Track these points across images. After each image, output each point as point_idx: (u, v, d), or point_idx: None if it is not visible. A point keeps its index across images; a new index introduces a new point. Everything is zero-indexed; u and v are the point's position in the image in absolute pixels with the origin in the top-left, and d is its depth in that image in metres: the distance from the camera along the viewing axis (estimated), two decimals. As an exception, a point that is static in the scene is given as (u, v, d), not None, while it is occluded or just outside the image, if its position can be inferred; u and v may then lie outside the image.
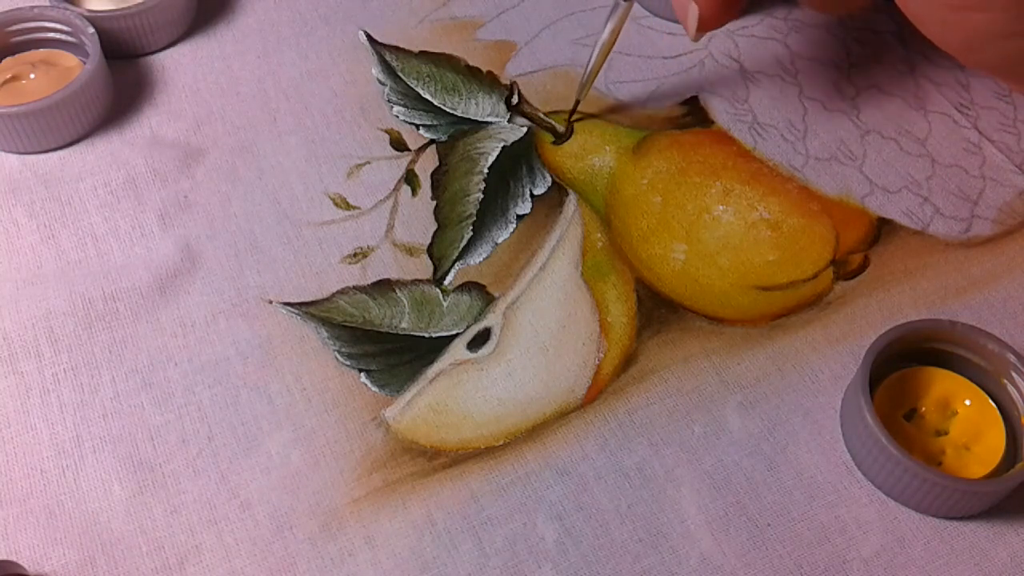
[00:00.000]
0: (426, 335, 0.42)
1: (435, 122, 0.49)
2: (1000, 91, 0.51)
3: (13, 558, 0.36)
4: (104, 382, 0.40)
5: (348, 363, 0.41)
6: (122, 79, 0.49)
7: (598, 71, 0.47)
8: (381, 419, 0.39)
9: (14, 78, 0.47)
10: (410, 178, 0.47)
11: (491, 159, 0.47)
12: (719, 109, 0.50)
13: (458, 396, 0.40)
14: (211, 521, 0.37)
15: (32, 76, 0.47)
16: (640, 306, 0.43)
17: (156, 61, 0.51)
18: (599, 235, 0.45)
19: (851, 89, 0.51)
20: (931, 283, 0.44)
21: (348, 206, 0.46)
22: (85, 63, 0.47)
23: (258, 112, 0.49)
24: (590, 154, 0.48)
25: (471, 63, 0.51)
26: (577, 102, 0.48)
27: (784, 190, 0.47)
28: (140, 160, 0.47)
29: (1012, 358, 0.39)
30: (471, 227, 0.45)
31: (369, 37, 0.52)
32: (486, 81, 0.50)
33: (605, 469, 0.38)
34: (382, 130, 0.48)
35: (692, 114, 0.50)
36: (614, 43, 0.46)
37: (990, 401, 0.39)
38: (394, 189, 0.46)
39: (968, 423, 0.39)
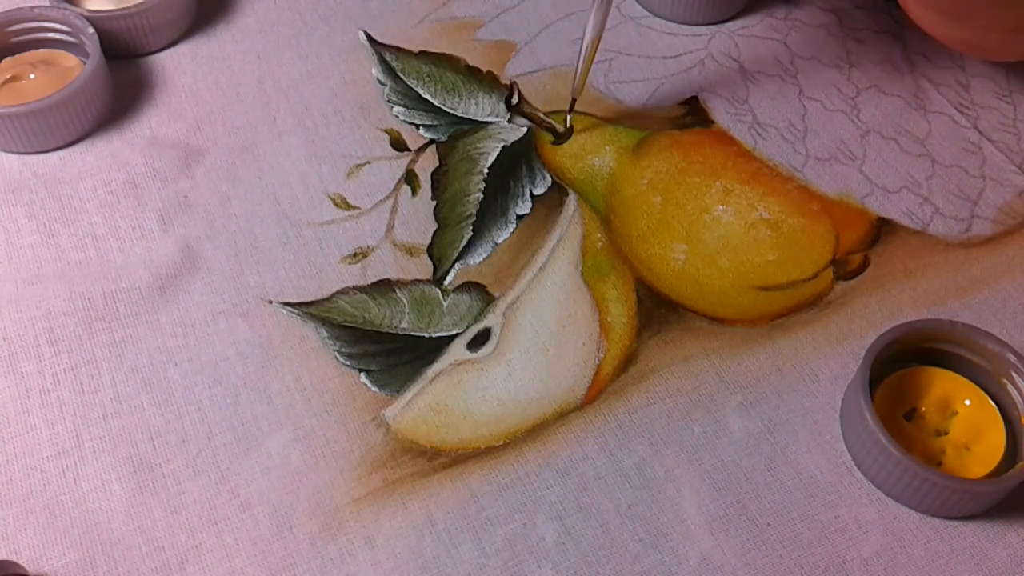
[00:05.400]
0: (426, 335, 0.42)
1: (435, 122, 0.49)
2: (1000, 91, 0.51)
3: (13, 558, 0.36)
4: (104, 382, 0.40)
5: (348, 363, 0.41)
6: (122, 79, 0.49)
7: (591, 64, 0.46)
8: (381, 419, 0.39)
9: (14, 78, 0.47)
10: (410, 178, 0.47)
11: (491, 159, 0.47)
12: (719, 109, 0.50)
13: (458, 396, 0.40)
14: (211, 521, 0.37)
15: (32, 76, 0.47)
16: (640, 306, 0.43)
17: (156, 61, 0.51)
18: (599, 235, 0.45)
19: (851, 89, 0.51)
20: (931, 283, 0.44)
21: (348, 206, 0.46)
22: (85, 63, 0.47)
23: (258, 112, 0.49)
24: (590, 154, 0.48)
25: (471, 63, 0.51)
26: (573, 100, 0.48)
27: (784, 190, 0.47)
28: (140, 160, 0.47)
29: (1012, 358, 0.39)
30: (471, 227, 0.45)
31: (369, 37, 0.52)
32: (486, 81, 0.50)
33: (605, 469, 0.38)
34: (382, 130, 0.48)
35: (692, 114, 0.50)
36: (601, 35, 0.45)
37: (990, 401, 0.39)
38: (394, 189, 0.46)
39: (968, 423, 0.39)
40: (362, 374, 0.41)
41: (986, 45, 0.44)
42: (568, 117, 0.48)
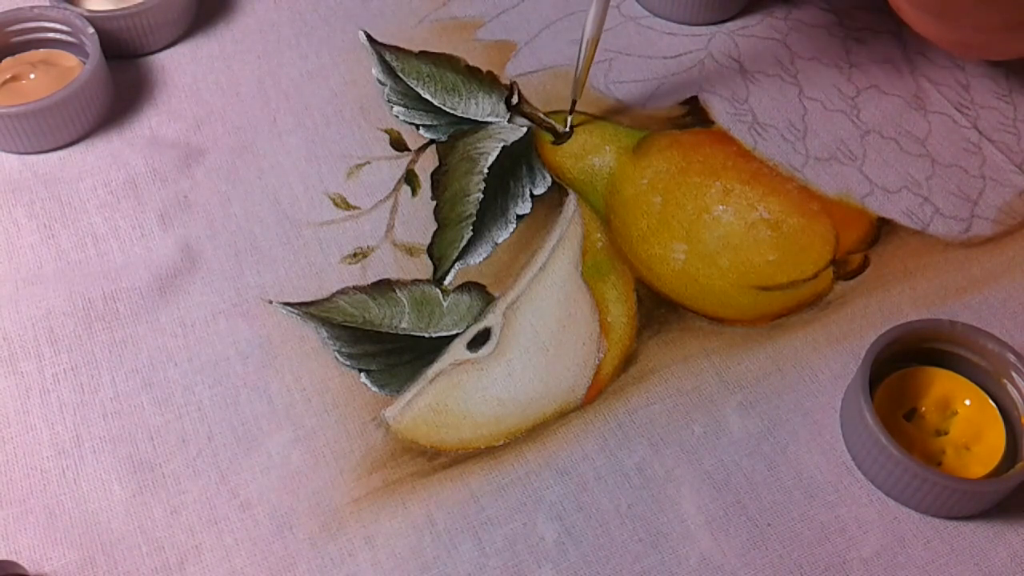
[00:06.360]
0: (426, 335, 0.42)
1: (435, 122, 0.49)
2: (1000, 91, 0.51)
3: (13, 558, 0.36)
4: (104, 382, 0.40)
5: (348, 363, 0.41)
6: (122, 79, 0.49)
7: (589, 66, 0.46)
8: (381, 419, 0.39)
9: (14, 78, 0.47)
10: (410, 178, 0.47)
11: (491, 159, 0.47)
12: (719, 109, 0.50)
13: (458, 396, 0.40)
14: (211, 521, 0.37)
15: (32, 76, 0.47)
16: (640, 306, 0.43)
17: (156, 61, 0.51)
18: (599, 235, 0.45)
19: (851, 89, 0.51)
20: (931, 283, 0.44)
21: (348, 206, 0.46)
22: (85, 63, 0.47)
23: (258, 112, 0.49)
24: (590, 154, 0.48)
25: (471, 63, 0.51)
26: (574, 101, 0.48)
27: (784, 190, 0.47)
28: (140, 160, 0.47)
29: (1012, 358, 0.39)
30: (471, 227, 0.45)
31: (369, 37, 0.52)
32: (486, 81, 0.50)
33: (605, 469, 0.38)
34: (382, 130, 0.48)
35: (692, 114, 0.50)
36: (599, 36, 0.45)
37: (990, 401, 0.39)
38: (394, 189, 0.46)
39: (968, 423, 0.39)
40: (362, 374, 0.41)
41: (975, 44, 0.45)
42: (568, 119, 0.48)
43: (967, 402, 0.39)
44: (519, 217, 0.45)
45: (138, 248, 0.44)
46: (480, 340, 0.42)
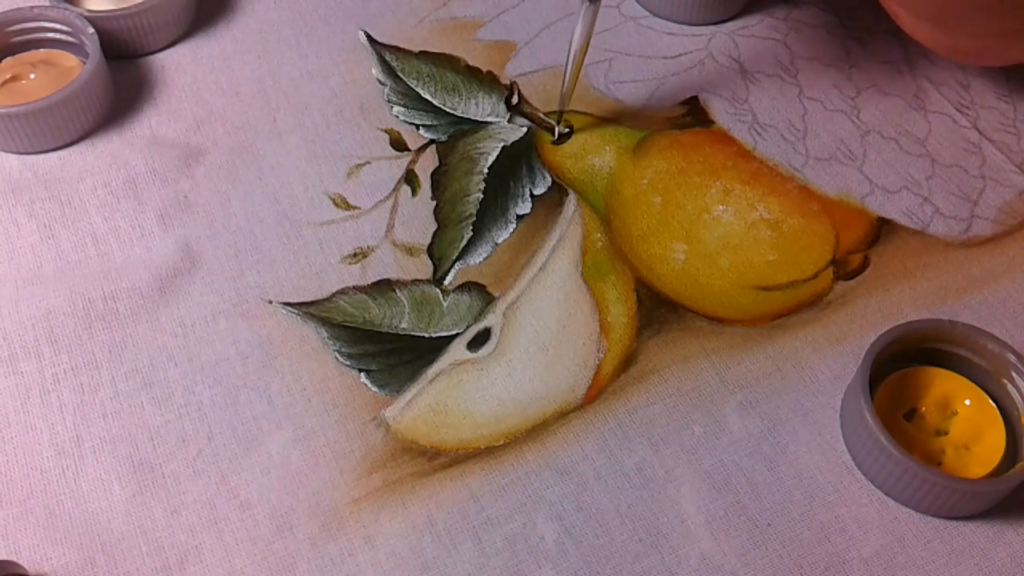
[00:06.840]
0: (426, 335, 0.42)
1: (435, 122, 0.49)
2: (1000, 91, 0.51)
3: (13, 558, 0.36)
4: (104, 382, 0.40)
5: (348, 363, 0.41)
6: (122, 79, 0.49)
7: (577, 76, 0.46)
8: (381, 419, 0.39)
9: (14, 78, 0.47)
10: (410, 178, 0.47)
11: (491, 159, 0.47)
12: (719, 109, 0.50)
13: (458, 396, 0.40)
14: (211, 521, 0.37)
15: (32, 76, 0.48)
16: (640, 306, 0.43)
17: (156, 61, 0.51)
18: (599, 235, 0.45)
19: (851, 89, 0.51)
20: (931, 283, 0.44)
21: (348, 206, 0.46)
22: (85, 63, 0.47)
23: (258, 112, 0.49)
24: (590, 154, 0.48)
25: (471, 63, 0.51)
26: (561, 113, 0.48)
27: (784, 190, 0.47)
28: (140, 160, 0.47)
29: (1012, 358, 0.39)
30: (471, 227, 0.45)
31: (369, 37, 0.52)
32: (486, 81, 0.50)
33: (605, 469, 0.38)
34: (382, 130, 0.48)
35: (692, 114, 0.50)
36: (587, 46, 0.45)
37: (990, 401, 0.39)
38: (394, 189, 0.46)
39: (968, 423, 0.39)
40: (362, 374, 0.41)
41: (972, 51, 0.45)
42: (556, 127, 0.48)
43: (967, 402, 0.39)
44: (519, 217, 0.45)
45: (138, 248, 0.44)
46: (480, 340, 0.42)
